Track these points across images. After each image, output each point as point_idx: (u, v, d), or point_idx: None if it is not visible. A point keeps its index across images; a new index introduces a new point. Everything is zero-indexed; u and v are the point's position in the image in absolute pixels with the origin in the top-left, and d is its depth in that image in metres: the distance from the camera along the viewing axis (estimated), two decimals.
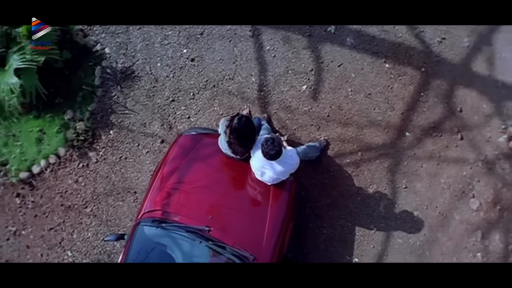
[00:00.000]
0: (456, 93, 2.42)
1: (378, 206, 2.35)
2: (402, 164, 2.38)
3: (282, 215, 1.98)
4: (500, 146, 2.35)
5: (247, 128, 1.83)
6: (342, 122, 2.42)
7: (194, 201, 2.00)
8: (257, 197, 2.01)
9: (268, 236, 1.95)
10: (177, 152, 2.12)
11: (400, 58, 2.47)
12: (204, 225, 1.91)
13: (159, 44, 2.61)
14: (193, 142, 2.14)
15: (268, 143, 1.81)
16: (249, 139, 1.85)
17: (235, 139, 1.84)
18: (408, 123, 2.41)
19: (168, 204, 2.01)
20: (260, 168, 1.89)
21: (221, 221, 1.96)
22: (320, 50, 2.50)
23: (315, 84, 2.47)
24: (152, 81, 2.58)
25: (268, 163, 1.85)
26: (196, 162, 2.09)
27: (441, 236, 2.30)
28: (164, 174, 2.08)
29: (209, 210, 1.96)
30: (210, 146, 2.09)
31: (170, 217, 1.97)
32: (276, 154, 1.81)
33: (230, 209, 2.01)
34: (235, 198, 2.06)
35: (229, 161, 2.00)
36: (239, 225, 2.00)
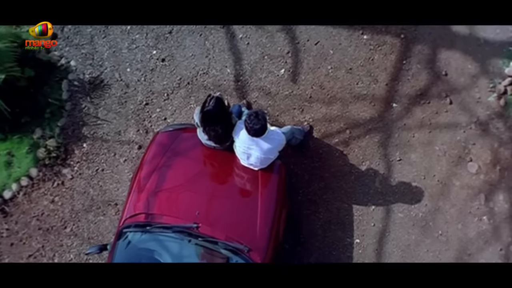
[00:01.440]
0: (439, 56, 3.44)
1: (373, 182, 3.30)
2: (393, 137, 3.35)
3: (273, 201, 2.85)
4: (491, 106, 3.35)
5: (219, 106, 2.60)
6: (326, 101, 3.40)
7: (178, 199, 2.84)
8: (245, 185, 2.93)
9: (261, 224, 2.79)
10: (155, 151, 2.96)
11: (377, 27, 3.50)
12: (191, 222, 2.69)
13: (127, 49, 3.62)
14: (171, 138, 2.99)
15: (252, 117, 2.54)
16: (225, 119, 2.68)
17: (212, 123, 2.63)
18: (394, 94, 3.40)
19: (150, 206, 2.82)
20: (245, 149, 2.69)
21: (210, 215, 2.79)
22: (294, 31, 3.52)
23: (293, 67, 3.46)
24: (123, 87, 3.56)
25: (253, 141, 2.63)
26: (176, 158, 2.93)
27: (443, 204, 3.25)
28: (143, 175, 2.90)
29: (195, 206, 2.77)
30: (189, 140, 2.96)
31: (154, 219, 2.78)
32: (261, 128, 2.53)
33: (218, 202, 2.88)
34: (221, 190, 2.96)
35: (211, 152, 2.92)
36: (229, 217, 2.84)
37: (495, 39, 3.47)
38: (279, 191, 2.87)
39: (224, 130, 2.66)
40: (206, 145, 2.80)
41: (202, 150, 2.87)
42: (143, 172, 2.89)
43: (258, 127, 2.53)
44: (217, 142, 2.75)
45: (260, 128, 2.54)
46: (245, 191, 2.90)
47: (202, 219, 2.69)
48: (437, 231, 3.24)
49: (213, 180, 2.93)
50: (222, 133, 2.67)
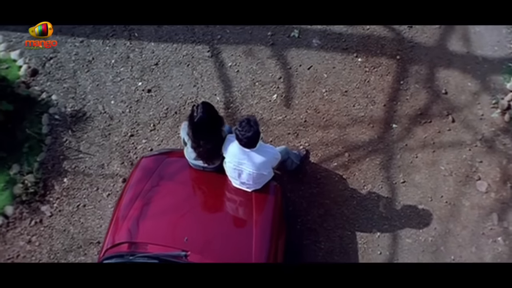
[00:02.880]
0: (437, 75, 5.80)
1: (377, 207, 5.36)
2: (395, 158, 5.52)
3: (269, 225, 4.71)
4: (496, 122, 5.58)
5: (208, 111, 4.22)
6: (322, 125, 5.66)
7: (165, 225, 4.46)
8: (238, 208, 4.82)
9: (256, 251, 4.48)
10: (138, 176, 4.64)
11: (372, 49, 5.92)
12: (179, 250, 4.24)
13: (111, 82, 6.04)
14: (156, 162, 4.79)
15: (243, 124, 4.08)
16: (216, 127, 4.58)
17: (202, 134, 4.51)
18: (393, 115, 5.67)
19: (134, 234, 4.42)
20: (236, 165, 4.57)
21: (200, 242, 4.40)
22: (286, 57, 5.95)
23: (286, 91, 5.82)
24: (106, 119, 5.90)
25: (245, 154, 4.31)
26: (162, 182, 4.61)
27: (453, 227, 5.25)
28: (126, 202, 4.57)
29: (183, 232, 4.27)
30: (176, 163, 4.81)
31: (138, 249, 4.35)
32: (254, 135, 4.10)
33: (209, 227, 4.57)
34: (212, 214, 4.77)
35: (200, 175, 4.87)
36: (221, 243, 4.54)
37: (494, 56, 5.89)
38: (276, 214, 4.72)
39: (214, 144, 4.54)
40: (194, 166, 4.77)
41: (191, 172, 4.77)
42: (126, 198, 4.62)
43: (250, 134, 4.09)
44: (206, 159, 4.64)
45: (253, 135, 4.10)
46: (238, 215, 4.73)
47: (191, 246, 4.09)
48: (450, 256, 5.16)
49: (203, 204, 4.76)
50: (212, 148, 4.54)
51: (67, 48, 6.18)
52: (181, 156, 4.75)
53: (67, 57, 6.14)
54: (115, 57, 6.11)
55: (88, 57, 6.13)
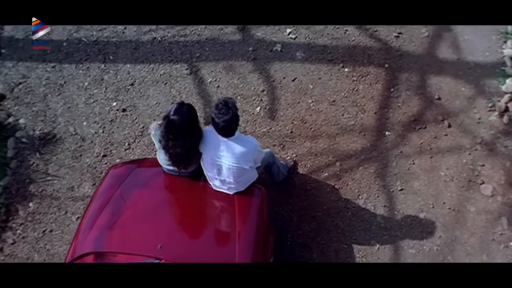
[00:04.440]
0: (428, 82, 5.88)
1: (374, 217, 5.21)
2: (391, 166, 5.45)
3: (254, 230, 4.52)
4: (494, 125, 5.59)
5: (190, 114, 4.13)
6: (309, 135, 5.64)
7: (136, 233, 4.25)
8: (219, 213, 4.67)
9: (240, 255, 4.36)
10: (108, 184, 4.49)
11: (359, 59, 6.04)
12: (152, 258, 4.07)
13: (84, 104, 6.07)
14: (127, 170, 4.61)
15: (220, 106, 3.99)
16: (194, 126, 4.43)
17: (179, 133, 4.33)
18: (385, 122, 5.68)
19: (101, 244, 4.27)
20: (214, 159, 4.28)
21: (175, 249, 4.24)
22: (269, 70, 6.05)
23: (270, 104, 5.85)
24: (78, 141, 5.85)
25: (223, 145, 4.18)
26: (134, 189, 4.44)
27: (460, 234, 5.09)
28: (93, 211, 4.47)
29: (157, 240, 4.18)
30: (149, 169, 4.73)
31: (105, 259, 4.20)
32: (232, 118, 3.96)
33: (186, 234, 4.44)
34: (190, 220, 4.56)
35: (175, 181, 4.69)
36: (199, 251, 4.33)
37: (485, 61, 6.01)
38: (261, 219, 4.55)
39: (189, 148, 4.34)
40: (169, 172, 4.63)
41: (165, 178, 4.62)
42: (93, 207, 4.47)
43: (228, 117, 3.97)
44: (182, 162, 4.47)
45: (231, 118, 3.99)
46: (219, 220, 4.59)
47: (166, 254, 4.08)
48: None
49: (180, 209, 4.62)
50: (187, 150, 4.36)
51: (37, 73, 6.23)
52: (155, 163, 4.69)
53: (38, 81, 6.17)
54: (88, 80, 6.16)
55: (60, 81, 6.16)
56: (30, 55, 6.36)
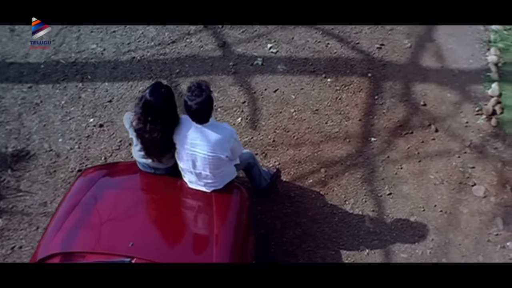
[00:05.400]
0: (413, 89, 5.86)
1: (363, 222, 5.03)
2: (378, 171, 5.32)
3: (233, 228, 4.35)
4: (482, 128, 5.53)
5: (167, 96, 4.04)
6: (293, 143, 5.54)
7: (107, 233, 4.02)
8: (196, 212, 4.49)
9: (218, 258, 4.06)
10: (78, 186, 4.31)
11: (341, 70, 6.05)
12: (123, 257, 3.87)
13: (60, 121, 5.99)
14: (99, 172, 4.46)
15: (193, 88, 3.90)
16: (171, 108, 4.28)
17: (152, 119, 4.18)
18: (370, 129, 5.60)
19: (69, 244, 4.07)
20: (189, 148, 4.05)
21: (148, 247, 4.03)
22: (250, 83, 6.02)
23: (251, 114, 5.78)
24: (52, 157, 5.72)
25: (198, 132, 4.01)
26: (106, 190, 4.31)
27: (453, 236, 4.90)
28: (62, 213, 4.27)
29: (129, 239, 3.83)
30: (123, 171, 4.64)
31: (73, 260, 3.98)
32: (206, 101, 3.86)
33: (160, 234, 4.25)
34: (165, 220, 4.34)
35: (151, 180, 4.57)
36: (174, 252, 4.12)
37: (470, 68, 6.02)
38: (240, 219, 4.35)
39: (166, 128, 4.15)
40: (144, 168, 4.50)
41: (140, 177, 4.53)
42: (61, 209, 4.29)
43: (202, 99, 3.86)
44: (156, 151, 4.31)
45: (205, 100, 3.88)
46: (196, 220, 4.40)
47: (138, 252, 3.91)
48: None
49: (154, 209, 4.43)
50: (162, 136, 4.14)
51: (13, 93, 6.17)
52: (129, 165, 4.58)
53: (13, 101, 6.10)
54: (65, 98, 6.09)
55: (35, 100, 6.10)
56: (6, 76, 6.31)
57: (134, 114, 4.20)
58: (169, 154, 4.34)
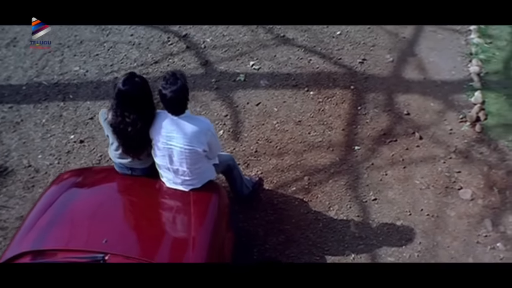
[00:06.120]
0: (396, 100, 5.87)
1: (348, 227, 4.92)
2: (362, 178, 5.25)
3: (211, 230, 4.21)
4: (467, 134, 5.50)
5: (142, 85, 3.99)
6: (275, 153, 5.49)
7: (81, 231, 4.02)
8: (173, 211, 4.36)
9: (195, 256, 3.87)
10: (53, 188, 4.27)
11: (324, 84, 6.07)
12: (96, 253, 3.76)
13: (40, 139, 5.94)
14: (76, 175, 4.41)
15: (168, 76, 3.88)
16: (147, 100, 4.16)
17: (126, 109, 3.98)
18: (353, 138, 5.57)
19: (40, 242, 3.93)
20: (165, 141, 3.98)
21: (123, 244, 3.92)
22: (232, 97, 6.03)
23: (233, 127, 5.76)
24: (31, 172, 5.64)
25: (173, 124, 3.96)
26: (81, 191, 4.26)
27: (441, 239, 4.78)
28: (35, 213, 4.14)
29: (102, 235, 3.75)
30: (100, 173, 4.68)
31: (44, 258, 3.84)
32: (181, 89, 3.84)
33: (136, 232, 4.14)
34: (142, 220, 4.20)
35: (128, 181, 4.47)
36: (150, 247, 3.96)
37: (452, 79, 6.05)
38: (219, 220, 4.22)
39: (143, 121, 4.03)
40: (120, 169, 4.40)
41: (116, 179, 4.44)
42: (34, 210, 4.19)
43: (176, 87, 3.83)
44: (133, 147, 4.20)
45: (180, 88, 3.85)
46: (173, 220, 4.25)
47: (112, 248, 3.79)
48: None
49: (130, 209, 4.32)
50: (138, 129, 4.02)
51: None
52: (107, 168, 4.56)
53: None
54: (46, 117, 6.06)
55: (16, 119, 6.06)
56: None
57: (109, 108, 4.15)
58: (146, 152, 4.26)
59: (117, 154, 4.28)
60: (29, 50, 6.74)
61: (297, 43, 6.61)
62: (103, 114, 4.25)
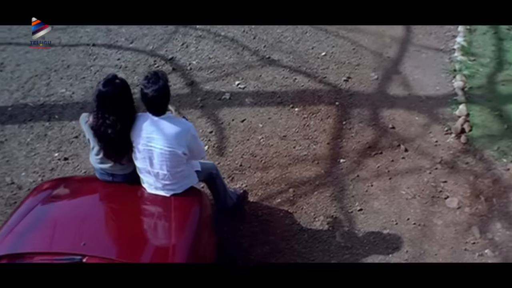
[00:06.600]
0: (381, 115, 5.89)
1: (333, 237, 4.85)
2: (348, 189, 5.22)
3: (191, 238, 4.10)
4: (452, 146, 5.51)
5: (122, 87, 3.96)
6: (260, 167, 5.46)
7: (59, 233, 3.96)
8: (154, 218, 4.27)
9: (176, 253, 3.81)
10: (34, 195, 4.20)
11: (309, 100, 6.10)
12: (74, 255, 3.69)
13: (24, 157, 5.91)
14: (57, 184, 4.36)
15: (149, 76, 3.88)
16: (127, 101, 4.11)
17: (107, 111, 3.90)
18: (339, 151, 5.56)
19: (18, 246, 3.88)
20: (145, 143, 3.95)
21: (102, 246, 3.88)
22: (217, 115, 6.04)
23: (218, 142, 5.74)
24: (14, 189, 5.57)
25: (154, 125, 3.93)
26: (62, 198, 4.25)
27: (429, 247, 4.71)
28: (13, 219, 4.09)
29: (81, 238, 3.73)
30: (81, 181, 4.64)
31: (22, 260, 3.77)
32: (162, 88, 3.84)
33: (116, 237, 4.08)
34: (122, 223, 4.17)
35: (108, 188, 4.40)
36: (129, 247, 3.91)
37: (437, 94, 6.09)
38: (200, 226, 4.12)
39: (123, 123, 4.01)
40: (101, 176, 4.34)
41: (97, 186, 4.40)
42: (13, 217, 4.12)
43: (158, 86, 3.84)
44: (113, 150, 4.16)
45: (161, 88, 3.86)
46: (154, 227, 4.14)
47: (90, 250, 3.74)
48: None
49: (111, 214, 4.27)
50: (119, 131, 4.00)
51: None
52: (87, 177, 4.62)
53: None
54: (31, 136, 6.03)
55: (0, 139, 6.07)
56: None
57: (90, 111, 4.14)
58: (127, 156, 4.22)
59: (98, 159, 4.25)
60: (16, 73, 6.77)
61: (282, 63, 6.68)
62: (84, 118, 4.24)
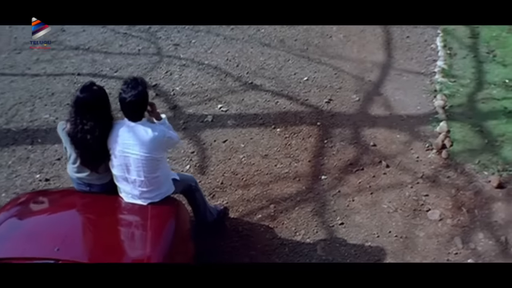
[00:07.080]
0: (362, 133, 5.93)
1: (314, 251, 4.80)
2: (329, 204, 5.20)
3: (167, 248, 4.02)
4: (434, 161, 5.52)
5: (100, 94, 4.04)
6: (241, 184, 5.44)
7: (34, 242, 3.90)
8: (130, 227, 4.24)
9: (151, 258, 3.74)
10: (9, 206, 4.23)
11: (291, 121, 6.14)
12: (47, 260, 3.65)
13: (5, 179, 5.88)
14: (32, 195, 4.53)
15: (128, 81, 3.94)
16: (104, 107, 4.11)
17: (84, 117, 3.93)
18: (320, 168, 5.56)
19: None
20: (122, 149, 3.98)
21: (76, 251, 3.85)
22: (199, 136, 6.06)
23: (200, 162, 5.74)
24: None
25: (130, 131, 3.97)
26: (38, 209, 4.27)
27: (411, 259, 4.66)
28: None
29: (55, 243, 3.72)
30: (57, 193, 4.67)
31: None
32: (141, 93, 3.90)
33: (91, 241, 4.05)
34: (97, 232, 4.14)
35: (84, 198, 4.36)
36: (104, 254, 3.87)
37: (418, 113, 6.14)
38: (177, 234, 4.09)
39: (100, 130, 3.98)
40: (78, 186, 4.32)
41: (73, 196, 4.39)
42: None
43: (136, 92, 3.89)
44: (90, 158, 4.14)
45: (140, 93, 3.91)
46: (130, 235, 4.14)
47: (64, 255, 3.69)
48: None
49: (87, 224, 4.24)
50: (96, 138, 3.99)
51: None
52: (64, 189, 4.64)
53: None
54: (13, 159, 6.00)
55: None
56: None
57: (67, 119, 4.17)
58: (104, 164, 4.22)
59: (75, 168, 4.24)
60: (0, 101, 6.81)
61: (264, 88, 6.74)
62: (61, 125, 4.25)
